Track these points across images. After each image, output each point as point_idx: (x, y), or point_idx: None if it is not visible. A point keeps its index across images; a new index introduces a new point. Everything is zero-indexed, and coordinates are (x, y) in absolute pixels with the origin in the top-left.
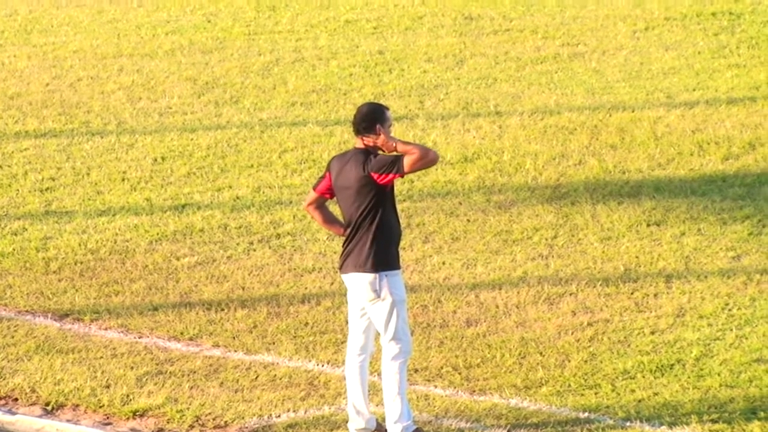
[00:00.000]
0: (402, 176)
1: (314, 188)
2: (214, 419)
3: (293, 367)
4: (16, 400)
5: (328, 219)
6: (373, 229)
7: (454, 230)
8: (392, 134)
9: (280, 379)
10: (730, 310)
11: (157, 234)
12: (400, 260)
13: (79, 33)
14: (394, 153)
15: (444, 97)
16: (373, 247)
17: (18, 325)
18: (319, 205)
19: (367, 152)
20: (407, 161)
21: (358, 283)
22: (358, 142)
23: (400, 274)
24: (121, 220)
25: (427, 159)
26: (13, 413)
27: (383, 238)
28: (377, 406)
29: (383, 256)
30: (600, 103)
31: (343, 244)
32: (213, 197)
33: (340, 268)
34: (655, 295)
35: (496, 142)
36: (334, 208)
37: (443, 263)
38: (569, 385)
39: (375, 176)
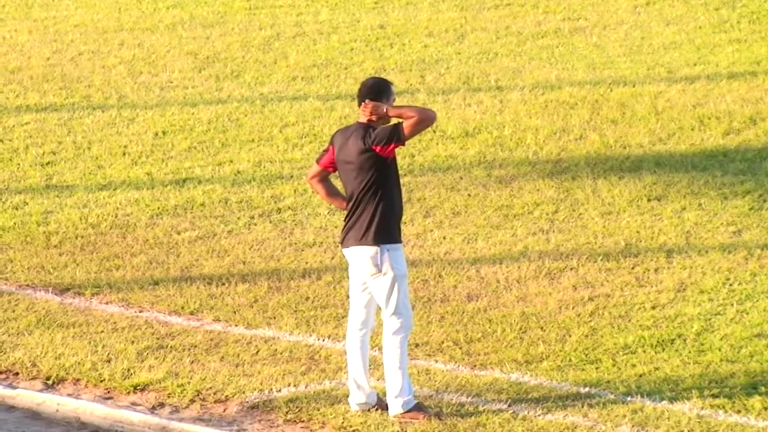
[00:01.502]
0: (403, 144)
1: (317, 161)
2: (214, 394)
3: (294, 342)
4: (17, 374)
5: (331, 192)
6: (374, 203)
7: (455, 205)
8: None
9: (281, 353)
10: (730, 285)
11: (158, 208)
12: (402, 234)
13: (80, 7)
14: (392, 123)
15: (445, 71)
16: (374, 221)
17: (19, 300)
18: (322, 178)
19: (368, 126)
20: (406, 126)
21: (360, 256)
22: (360, 116)
23: (402, 248)
24: (122, 195)
25: (425, 119)
26: (14, 387)
27: (385, 212)
28: (378, 380)
29: (385, 230)
30: (601, 77)
31: (345, 218)
32: (214, 171)
33: (342, 242)
34: (656, 270)
35: (497, 116)
36: (337, 182)
37: (444, 238)
38: (570, 360)
39: (377, 149)
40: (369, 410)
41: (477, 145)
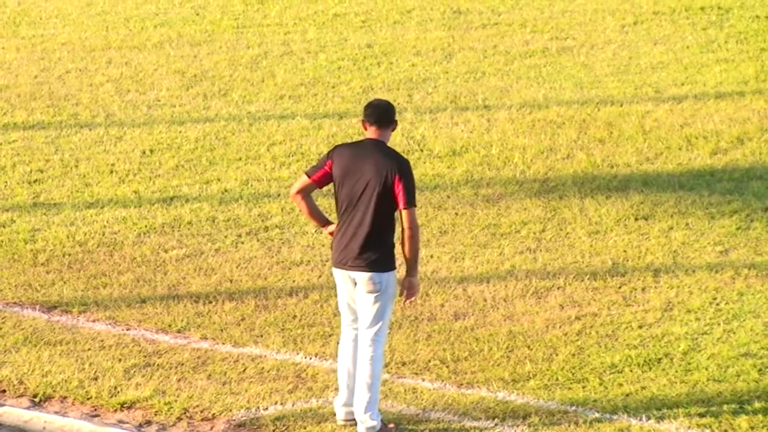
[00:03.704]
0: (407, 209)
1: (308, 174)
2: (201, 412)
3: (281, 360)
4: (4, 391)
5: (313, 210)
6: (378, 228)
7: (442, 224)
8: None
9: (268, 371)
10: (717, 304)
11: (146, 226)
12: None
13: (67, 25)
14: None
15: (432, 90)
16: (378, 246)
17: (6, 317)
18: (306, 194)
19: (390, 148)
20: (409, 217)
21: (355, 278)
22: (370, 133)
23: (395, 273)
24: (109, 213)
25: (415, 237)
26: (1, 405)
27: (385, 238)
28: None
29: (385, 257)
30: (588, 97)
31: (340, 233)
32: (201, 190)
33: (339, 262)
34: (643, 289)
35: (484, 135)
36: (321, 201)
37: (431, 256)
38: (557, 379)
39: (395, 181)
40: (354, 424)
41: (464, 164)
